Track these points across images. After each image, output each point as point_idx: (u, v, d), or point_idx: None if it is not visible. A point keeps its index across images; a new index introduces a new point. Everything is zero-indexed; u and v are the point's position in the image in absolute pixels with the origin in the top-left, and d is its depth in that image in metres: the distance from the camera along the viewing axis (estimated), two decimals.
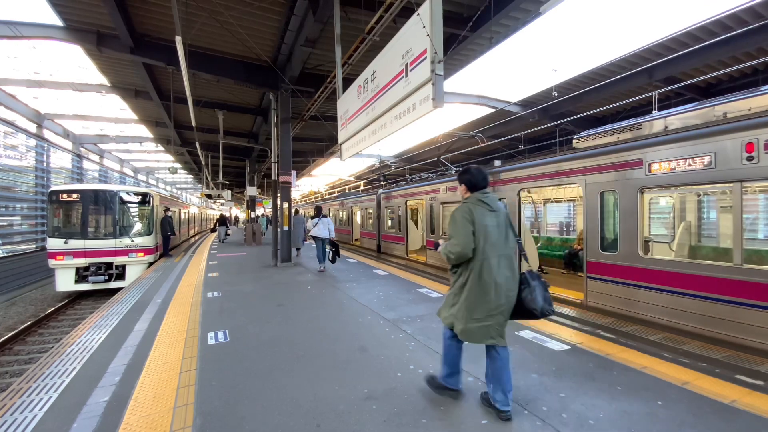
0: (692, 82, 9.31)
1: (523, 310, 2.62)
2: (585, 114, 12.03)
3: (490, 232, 2.60)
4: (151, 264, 11.52)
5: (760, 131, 3.98)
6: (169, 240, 13.31)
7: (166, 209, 13.68)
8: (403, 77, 4.31)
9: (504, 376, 2.57)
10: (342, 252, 11.06)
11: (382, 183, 20.73)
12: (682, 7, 8.35)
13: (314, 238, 9.20)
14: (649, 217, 6.67)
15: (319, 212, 9.34)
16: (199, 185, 37.51)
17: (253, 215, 21.76)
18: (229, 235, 20.44)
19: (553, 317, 5.02)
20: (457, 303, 2.67)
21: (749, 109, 4.42)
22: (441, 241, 2.91)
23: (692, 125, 4.81)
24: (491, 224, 2.63)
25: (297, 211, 10.94)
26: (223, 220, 19.68)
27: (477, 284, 2.56)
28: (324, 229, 9.03)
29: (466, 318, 2.59)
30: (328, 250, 9.05)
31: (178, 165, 28.76)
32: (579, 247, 7.92)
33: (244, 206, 29.71)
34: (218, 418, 2.64)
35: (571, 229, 14.78)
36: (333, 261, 9.04)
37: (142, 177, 34.46)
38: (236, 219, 50.20)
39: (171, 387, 3.13)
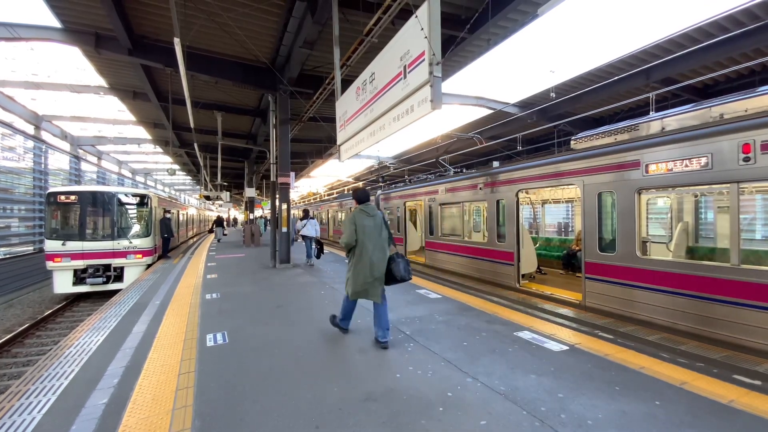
0: (689, 83, 9.35)
1: (392, 278, 4.03)
2: (583, 115, 12.06)
3: (367, 229, 4.04)
4: (149, 266, 11.50)
5: (756, 132, 4.00)
6: (168, 242, 13.28)
7: (165, 211, 13.66)
8: (401, 79, 4.32)
9: (382, 320, 3.99)
10: (341, 253, 11.22)
11: (380, 184, 20.72)
12: (679, 9, 8.40)
13: (303, 237, 10.68)
14: (647, 218, 6.70)
15: (306, 215, 10.84)
16: (198, 186, 37.45)
17: (251, 216, 21.76)
18: (225, 234, 22.12)
19: (552, 318, 5.04)
20: (348, 275, 4.15)
21: (746, 110, 4.44)
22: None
23: (689, 126, 4.83)
24: (368, 225, 4.07)
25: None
26: (220, 222, 21.45)
27: (359, 262, 4.02)
28: (311, 229, 10.57)
29: (353, 285, 4.06)
30: (314, 247, 10.29)
31: (176, 166, 28.71)
32: (577, 248, 7.94)
33: (243, 207, 29.68)
34: (217, 420, 2.64)
35: (570, 229, 14.82)
36: (318, 257, 10.28)
37: (140, 178, 34.39)
38: (235, 220, 50.18)
39: (170, 389, 3.12)
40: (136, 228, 11.44)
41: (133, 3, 7.99)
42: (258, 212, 27.31)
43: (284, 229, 10.59)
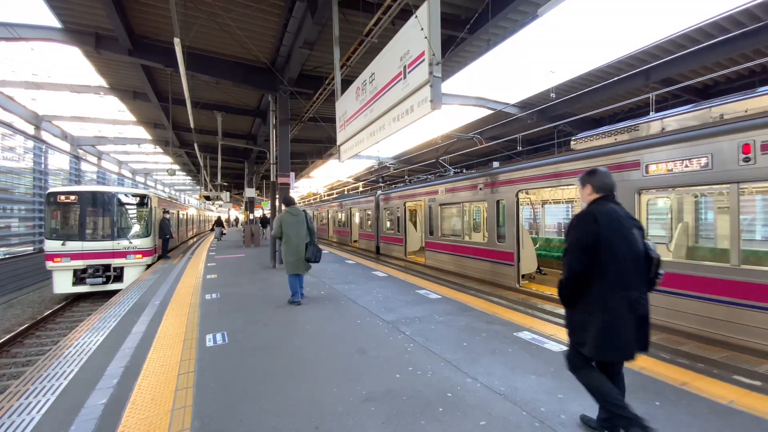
0: (689, 84, 9.35)
1: (307, 258, 5.77)
2: (583, 115, 12.06)
3: (290, 225, 5.77)
4: (149, 266, 11.50)
5: (756, 132, 3.99)
6: (168, 242, 13.27)
7: (165, 211, 13.65)
8: (401, 79, 4.32)
9: (301, 285, 5.96)
10: (340, 253, 11.10)
11: (380, 184, 20.72)
12: (679, 10, 8.40)
13: None
14: (647, 218, 6.69)
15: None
16: (198, 187, 37.47)
17: (251, 216, 21.76)
18: (224, 233, 23.34)
19: (552, 318, 5.03)
20: (284, 257, 5.86)
21: (746, 111, 4.44)
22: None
23: (689, 127, 4.83)
24: (291, 221, 5.79)
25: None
26: (219, 222, 22.60)
27: (286, 248, 5.81)
28: None
29: (286, 264, 5.82)
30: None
31: (176, 167, 28.74)
32: None
33: (243, 208, 29.71)
34: (216, 421, 2.63)
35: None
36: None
37: (140, 179, 34.41)
38: (236, 220, 50.23)
39: (169, 389, 3.12)
40: (136, 228, 11.43)
41: (133, 3, 8.00)
42: (258, 212, 27.31)
43: None
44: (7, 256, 12.70)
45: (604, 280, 2.17)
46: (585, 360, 2.32)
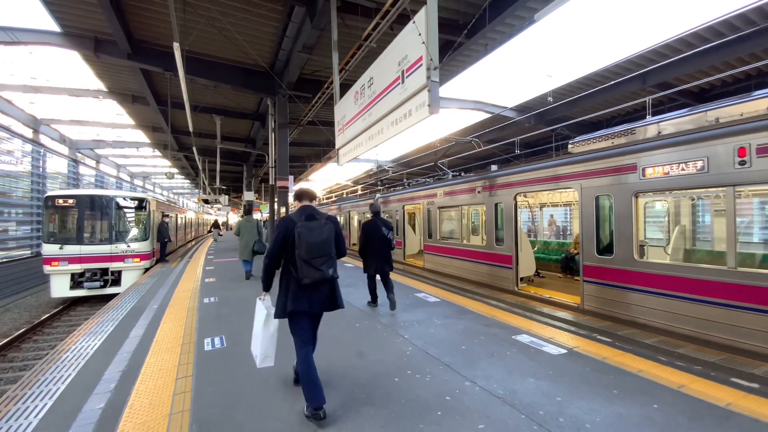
0: (685, 88, 9.42)
1: (255, 250, 8.43)
2: (580, 119, 12.13)
3: (245, 228, 8.45)
4: (147, 270, 11.46)
5: (752, 136, 4.03)
6: (166, 246, 13.25)
7: (164, 215, 13.63)
8: (399, 83, 4.35)
9: (250, 268, 8.64)
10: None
11: (379, 187, 20.74)
12: (675, 14, 8.48)
13: None
14: (644, 221, 6.72)
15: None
16: (196, 190, 37.44)
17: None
18: (221, 235, 24.98)
19: (550, 321, 5.04)
20: (239, 248, 8.63)
21: (741, 114, 4.48)
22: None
23: (685, 130, 4.86)
24: (246, 225, 8.50)
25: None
26: (216, 224, 24.51)
27: (242, 244, 8.50)
28: None
29: (239, 253, 8.66)
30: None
31: (175, 170, 28.67)
32: (575, 251, 7.96)
33: (242, 211, 29.71)
34: (214, 425, 2.63)
35: (568, 233, 14.86)
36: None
37: (138, 182, 34.36)
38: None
39: (167, 394, 3.11)
40: (134, 232, 11.41)
41: (132, 8, 8.03)
42: (257, 216, 27.36)
43: None
44: (5, 259, 12.66)
45: None
46: None
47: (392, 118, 4.68)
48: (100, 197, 11.08)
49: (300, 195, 3.07)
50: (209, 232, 34.76)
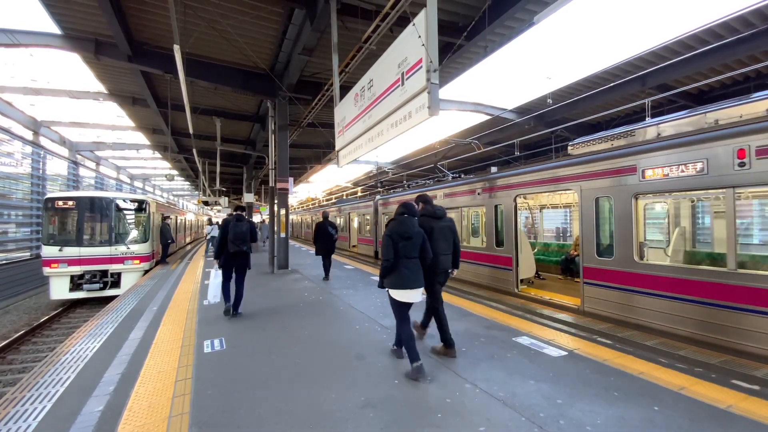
0: (685, 90, 9.43)
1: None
2: (580, 121, 12.13)
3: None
4: (147, 271, 11.45)
5: (751, 137, 4.03)
6: (169, 247, 13.26)
7: (164, 217, 13.63)
8: (399, 86, 4.35)
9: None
10: (339, 259, 11.10)
11: (379, 189, 20.74)
12: (674, 16, 8.51)
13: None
14: (644, 223, 6.72)
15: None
16: (196, 192, 37.43)
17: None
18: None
19: (550, 323, 5.03)
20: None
21: (741, 116, 4.49)
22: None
23: (685, 132, 4.87)
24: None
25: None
26: (210, 222, 24.31)
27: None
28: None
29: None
30: None
31: (175, 172, 28.73)
32: (575, 253, 7.95)
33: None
34: (214, 427, 2.62)
35: (568, 234, 14.85)
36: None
37: (138, 184, 34.36)
38: None
39: (166, 396, 3.10)
40: (133, 233, 11.40)
41: (133, 10, 8.04)
42: (257, 218, 27.28)
43: (282, 235, 10.58)
44: (4, 261, 12.64)
45: None
46: None
47: (392, 120, 4.68)
48: (100, 199, 11.07)
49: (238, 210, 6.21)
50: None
